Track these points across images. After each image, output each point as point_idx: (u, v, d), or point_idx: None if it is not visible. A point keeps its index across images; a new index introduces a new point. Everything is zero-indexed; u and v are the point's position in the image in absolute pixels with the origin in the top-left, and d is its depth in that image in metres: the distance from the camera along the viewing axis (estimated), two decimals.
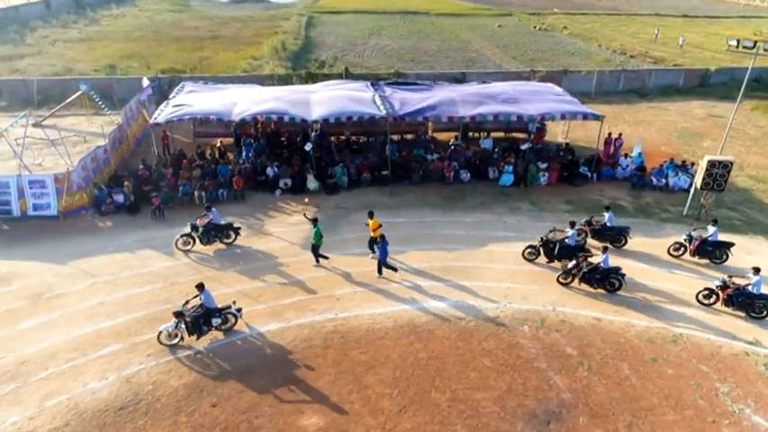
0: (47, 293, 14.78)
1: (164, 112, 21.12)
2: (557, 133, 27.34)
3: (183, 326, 12.71)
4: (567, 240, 16.08)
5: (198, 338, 12.90)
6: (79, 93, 26.58)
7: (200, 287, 13.00)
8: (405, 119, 21.39)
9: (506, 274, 16.05)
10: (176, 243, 16.82)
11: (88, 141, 24.67)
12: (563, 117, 22.40)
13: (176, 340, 12.90)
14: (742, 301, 14.14)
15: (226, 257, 16.62)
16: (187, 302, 13.02)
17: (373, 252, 16.20)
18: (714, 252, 16.55)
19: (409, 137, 25.22)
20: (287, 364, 12.52)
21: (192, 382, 11.99)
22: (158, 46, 44.93)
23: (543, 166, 22.15)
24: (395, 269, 15.65)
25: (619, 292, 15.16)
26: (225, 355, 12.74)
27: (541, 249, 16.26)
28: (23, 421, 10.94)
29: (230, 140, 23.94)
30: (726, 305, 14.40)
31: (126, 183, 19.43)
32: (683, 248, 16.87)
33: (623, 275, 14.96)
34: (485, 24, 62.42)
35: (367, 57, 43.83)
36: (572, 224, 16.36)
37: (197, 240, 16.83)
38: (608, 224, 17.32)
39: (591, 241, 17.28)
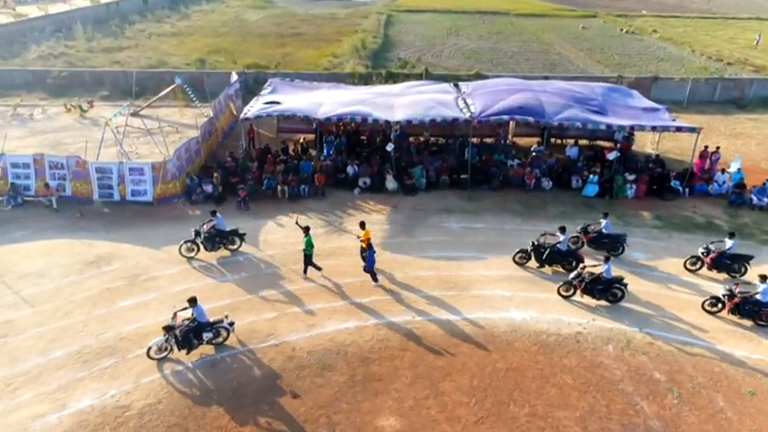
0: (143, 275, 15.73)
1: (254, 108, 21.91)
2: (645, 143, 26.08)
3: (172, 340, 12.39)
4: (558, 246, 15.83)
5: (188, 353, 12.55)
6: (174, 85, 28.07)
7: (193, 301, 12.55)
8: (489, 120, 21.04)
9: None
10: (180, 249, 16.40)
11: (180, 132, 26.01)
12: (654, 129, 21.32)
13: (166, 353, 12.57)
14: (749, 309, 13.91)
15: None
16: (175, 315, 12.65)
17: (363, 260, 15.70)
18: (732, 265, 16.06)
19: (489, 140, 24.83)
20: (364, 363, 12.67)
21: (274, 372, 12.38)
22: (243, 42, 46.60)
23: (631, 177, 21.18)
24: (375, 279, 15.38)
25: (715, 317, 14.29)
26: (307, 349, 13.05)
27: (533, 254, 16.11)
28: (121, 395, 11.69)
29: (312, 137, 24.50)
30: (732, 314, 14.16)
31: (215, 174, 20.35)
32: (699, 262, 16.34)
33: (626, 285, 14.61)
34: (568, 26, 60.45)
35: (445, 57, 43.56)
36: (562, 229, 16.00)
37: (201, 247, 16.44)
38: (605, 231, 16.96)
39: (587, 249, 16.91)
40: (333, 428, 11.00)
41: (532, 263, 16.36)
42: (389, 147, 21.30)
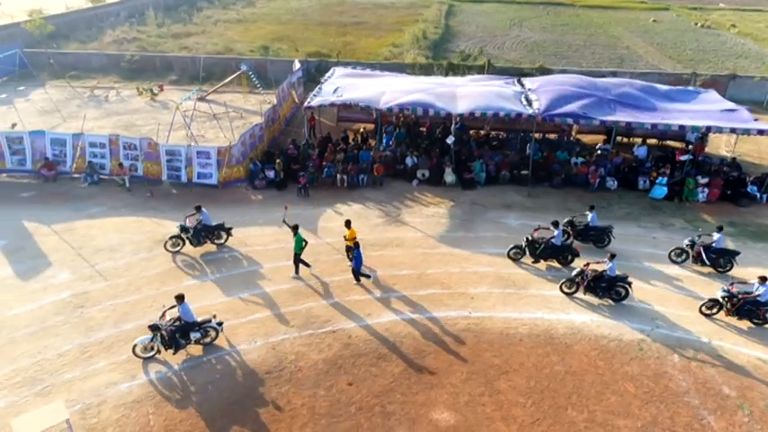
0: (207, 256, 16.31)
1: (317, 97, 22.17)
2: (719, 145, 24.76)
3: (158, 339, 12.17)
4: (552, 240, 15.68)
5: (175, 353, 12.31)
6: (239, 72, 28.79)
7: (180, 298, 12.30)
8: (553, 119, 20.51)
9: (654, 295, 14.94)
10: (165, 245, 16.20)
11: (244, 118, 26.68)
12: (733, 131, 20.18)
13: (152, 353, 12.32)
14: (748, 309, 13.69)
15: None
16: (163, 314, 12.45)
17: (351, 260, 15.50)
18: (718, 260, 15.85)
19: (552, 136, 24.21)
20: (420, 356, 12.71)
21: (331, 358, 12.61)
22: (305, 30, 47.15)
23: (703, 180, 20.17)
24: (368, 276, 15.25)
25: None
26: (364, 338, 13.22)
27: (527, 249, 15.95)
28: (186, 369, 12.20)
29: (372, 127, 24.62)
30: (730, 315, 13.85)
31: (277, 160, 20.79)
32: (685, 254, 16.21)
33: (630, 284, 14.32)
34: (637, 19, 57.82)
35: (507, 49, 42.65)
36: (555, 224, 15.95)
37: (186, 242, 16.22)
38: (591, 224, 16.87)
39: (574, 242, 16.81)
40: (387, 418, 11.12)
41: (527, 258, 16.20)
42: (450, 139, 21.12)
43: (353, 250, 15.03)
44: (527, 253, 16.06)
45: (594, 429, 10.93)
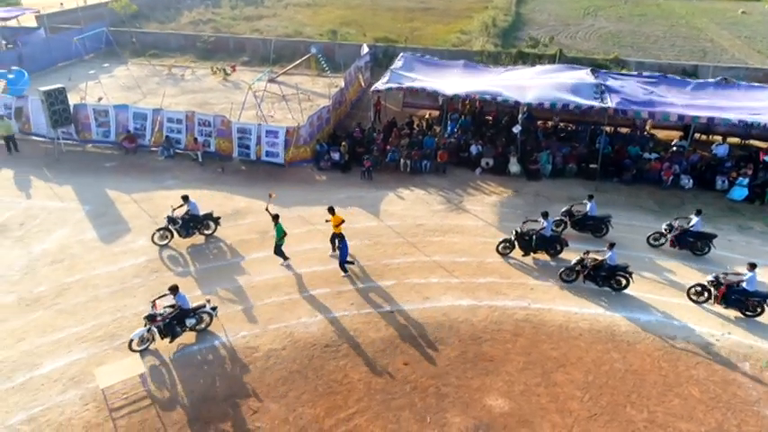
0: (272, 232, 16.84)
1: (385, 81, 22.32)
2: None
3: (155, 329, 12.11)
4: (542, 232, 15.39)
5: (171, 341, 12.28)
6: (309, 55, 29.35)
7: (174, 289, 12.27)
8: (626, 113, 19.76)
9: None
10: (152, 238, 15.91)
11: (311, 100, 27.24)
12: None
13: (149, 344, 12.26)
14: (735, 299, 13.35)
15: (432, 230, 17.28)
16: (154, 303, 12.36)
17: (334, 249, 15.45)
18: (695, 243, 15.70)
19: (624, 131, 23.34)
20: (476, 342, 12.75)
21: (388, 337, 12.87)
22: (373, 15, 47.33)
23: None
24: (351, 263, 15.18)
25: None
26: (422, 320, 13.39)
27: (516, 243, 15.63)
28: (250, 337, 12.80)
29: (437, 113, 24.56)
30: (718, 303, 13.58)
31: (343, 143, 21.16)
32: (663, 238, 16.07)
33: (631, 273, 14.07)
34: (724, 10, 54.38)
35: (580, 39, 41.24)
36: (545, 215, 15.58)
37: (175, 233, 15.96)
38: (589, 213, 16.53)
39: (570, 231, 16.62)
40: (441, 399, 11.27)
41: (516, 252, 15.86)
42: (516, 129, 20.79)
43: (340, 240, 14.79)
44: (516, 246, 15.73)
45: (654, 430, 10.66)
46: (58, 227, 16.82)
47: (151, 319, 12.03)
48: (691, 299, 14.01)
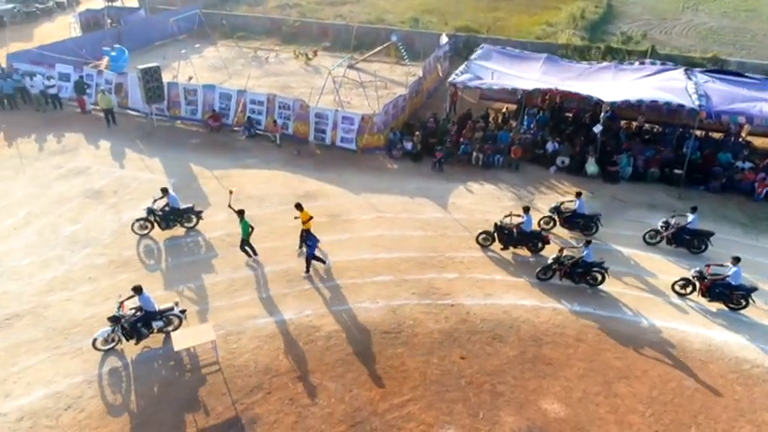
0: (342, 216, 17.33)
1: (463, 74, 22.12)
2: None
3: (119, 330, 11.88)
4: (522, 227, 15.16)
5: (137, 343, 12.10)
6: (389, 43, 29.49)
7: (138, 290, 11.97)
8: (720, 116, 18.51)
9: None
10: (132, 227, 15.88)
11: (388, 88, 27.41)
12: None
13: (113, 345, 12.07)
14: (720, 292, 13.41)
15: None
16: (122, 304, 12.08)
17: (301, 247, 15.17)
18: (692, 241, 15.57)
19: (716, 136, 21.86)
20: (536, 344, 12.58)
21: (447, 330, 12.95)
22: (456, 3, 46.63)
23: None
24: (323, 261, 14.82)
25: None
26: (482, 316, 13.36)
27: (496, 235, 15.50)
28: (314, 316, 13.29)
29: (515, 107, 24.06)
30: (703, 296, 13.65)
31: (416, 132, 21.23)
32: (658, 236, 15.84)
33: (606, 269, 14.00)
34: None
35: (676, 34, 38.78)
36: (526, 209, 15.47)
37: (154, 225, 15.89)
38: (578, 211, 16.17)
39: (560, 229, 16.48)
40: (496, 397, 11.26)
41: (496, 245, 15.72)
42: (597, 128, 19.98)
43: (307, 236, 14.49)
44: (496, 239, 15.62)
45: None
46: (147, 196, 17.97)
47: (115, 320, 11.79)
48: (675, 291, 14.10)
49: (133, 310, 12.02)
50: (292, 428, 10.55)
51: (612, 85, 20.83)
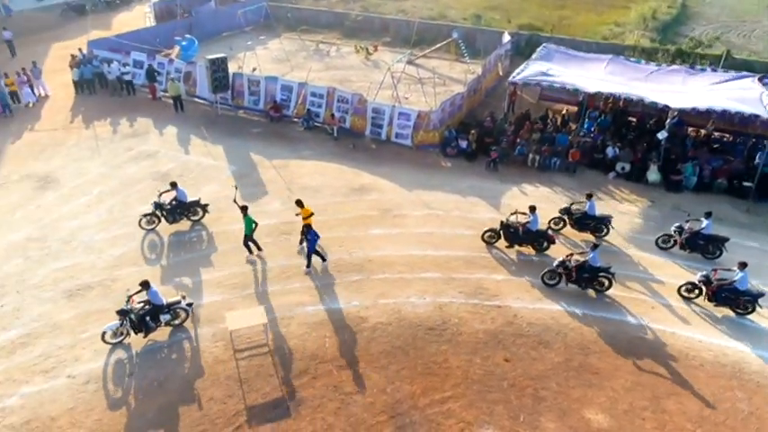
0: (394, 211, 17.54)
1: (523, 72, 21.84)
2: None
3: (127, 323, 12.13)
4: (528, 225, 15.19)
5: (145, 336, 12.34)
6: (450, 40, 29.39)
7: (146, 284, 12.19)
8: None
9: None
10: (140, 222, 15.99)
11: (446, 85, 27.36)
12: None
13: (122, 338, 12.30)
14: (726, 297, 13.29)
15: None
16: (131, 298, 12.27)
17: (302, 243, 15.11)
18: (706, 246, 15.36)
19: None
20: (584, 352, 12.39)
21: (493, 331, 12.94)
22: (521, 0, 45.78)
23: None
24: (323, 258, 14.83)
25: None
26: (529, 320, 13.25)
27: (502, 233, 15.55)
28: (361, 307, 13.58)
29: (575, 109, 23.53)
30: (709, 301, 13.51)
31: (472, 131, 21.17)
32: (672, 241, 15.64)
33: (613, 275, 13.80)
34: None
35: (756, 38, 36.60)
36: (532, 208, 15.38)
37: (162, 219, 15.97)
38: (589, 213, 15.98)
39: (569, 230, 16.32)
40: (538, 402, 11.20)
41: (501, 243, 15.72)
42: (662, 135, 19.30)
43: (308, 232, 14.46)
44: (501, 237, 15.66)
45: None
46: (208, 181, 18.90)
47: (123, 314, 12.06)
48: (681, 295, 13.95)
49: (141, 304, 12.22)
50: (335, 414, 10.89)
51: (681, 89, 20.04)
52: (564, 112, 23.30)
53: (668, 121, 19.82)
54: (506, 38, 29.67)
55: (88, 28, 32.40)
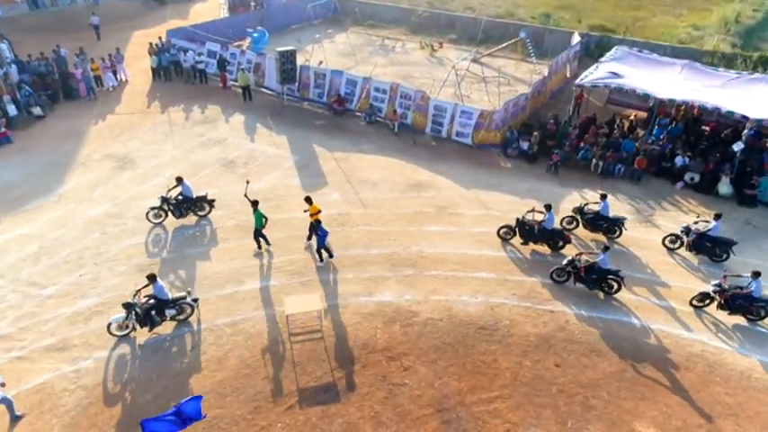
0: (450, 209, 17.63)
1: (592, 75, 21.34)
2: None
3: (133, 317, 12.25)
4: (543, 224, 15.20)
5: (150, 330, 12.52)
6: (517, 39, 28.99)
7: (152, 278, 12.40)
8: None
9: None
10: (147, 216, 16.26)
11: (511, 85, 27.05)
12: None
13: (127, 331, 12.51)
14: (740, 304, 13.13)
15: None
16: (138, 292, 12.43)
17: (310, 239, 15.29)
18: (713, 249, 15.20)
19: None
20: (638, 364, 12.14)
21: (544, 335, 12.87)
22: (594, 0, 44.41)
23: None
24: (330, 255, 14.94)
25: None
26: (582, 327, 13.10)
27: (517, 230, 15.68)
28: (413, 302, 13.80)
29: (643, 115, 22.76)
30: (722, 309, 13.29)
31: (534, 133, 20.87)
32: (679, 241, 15.60)
33: (623, 278, 13.75)
34: None
35: None
36: (548, 207, 15.42)
37: (168, 213, 16.23)
38: (602, 213, 15.86)
39: (581, 230, 16.27)
40: (587, 410, 11.09)
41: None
42: (737, 146, 18.41)
43: (317, 228, 14.57)
44: (517, 234, 15.77)
45: None
46: (272, 170, 19.59)
47: (128, 307, 12.24)
48: (692, 305, 13.74)
49: (146, 298, 12.45)
50: (382, 403, 11.19)
51: (762, 100, 19.01)
52: (632, 117, 22.57)
53: (745, 131, 18.89)
54: (576, 39, 28.98)
55: (167, 17, 34.01)
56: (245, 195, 15.38)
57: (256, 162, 20.12)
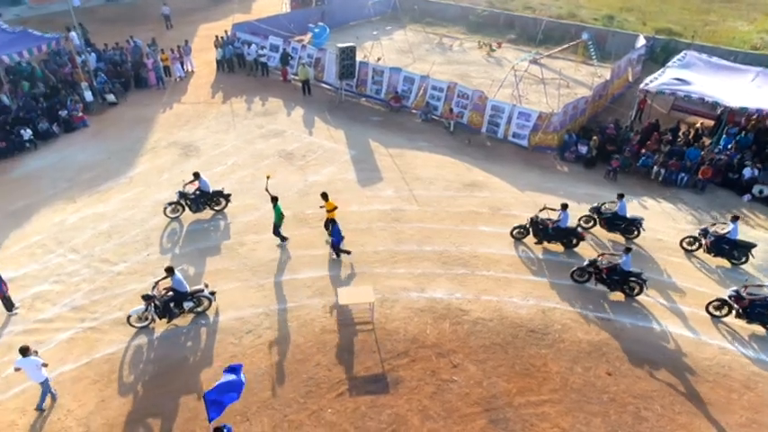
0: (503, 209, 17.56)
1: (658, 80, 20.74)
2: None
3: (152, 309, 12.53)
4: (558, 223, 15.23)
5: (169, 321, 12.80)
6: (579, 41, 28.41)
7: (170, 271, 12.60)
8: None
9: None
10: (164, 211, 16.53)
11: (570, 87, 26.57)
12: None
13: (147, 323, 12.76)
14: (759, 312, 12.74)
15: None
16: (157, 284, 12.69)
17: (329, 234, 15.24)
18: (731, 252, 14.99)
19: None
20: (694, 379, 11.84)
21: (597, 342, 12.71)
22: (661, 1, 42.87)
23: None
24: (348, 252, 15.02)
25: None
26: (637, 337, 12.86)
27: (531, 229, 15.64)
28: (463, 301, 13.86)
29: (710, 123, 21.94)
30: (739, 317, 12.99)
31: (594, 137, 20.50)
32: (697, 243, 15.44)
33: (645, 281, 13.64)
34: None
35: None
36: (564, 206, 15.38)
37: (186, 208, 16.49)
38: (619, 213, 15.69)
39: (598, 230, 16.17)
40: (639, 421, 10.92)
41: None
42: None
43: (332, 225, 14.66)
44: (530, 233, 15.70)
45: None
46: (329, 163, 20.02)
47: (148, 299, 12.56)
48: (709, 313, 13.45)
49: (165, 290, 12.77)
50: (430, 398, 11.35)
51: None
52: (698, 125, 21.80)
53: None
54: (640, 42, 28.15)
55: (232, 11, 35.04)
56: (266, 190, 15.57)
57: (314, 155, 20.60)
